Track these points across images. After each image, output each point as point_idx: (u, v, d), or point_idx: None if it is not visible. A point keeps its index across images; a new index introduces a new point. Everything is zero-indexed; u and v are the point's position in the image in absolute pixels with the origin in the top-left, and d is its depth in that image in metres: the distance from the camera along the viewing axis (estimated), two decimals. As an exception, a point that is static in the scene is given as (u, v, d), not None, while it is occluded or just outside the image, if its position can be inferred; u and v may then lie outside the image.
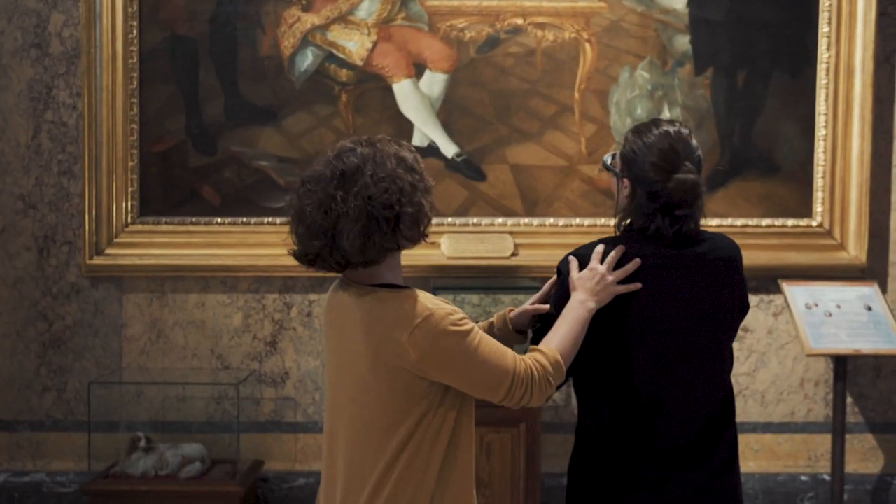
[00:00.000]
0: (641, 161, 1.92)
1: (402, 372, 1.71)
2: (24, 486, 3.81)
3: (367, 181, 1.69)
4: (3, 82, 3.80)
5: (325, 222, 1.70)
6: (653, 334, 1.88)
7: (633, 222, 1.97)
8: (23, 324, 3.85)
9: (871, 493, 3.87)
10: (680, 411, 1.90)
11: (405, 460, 1.72)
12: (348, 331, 1.78)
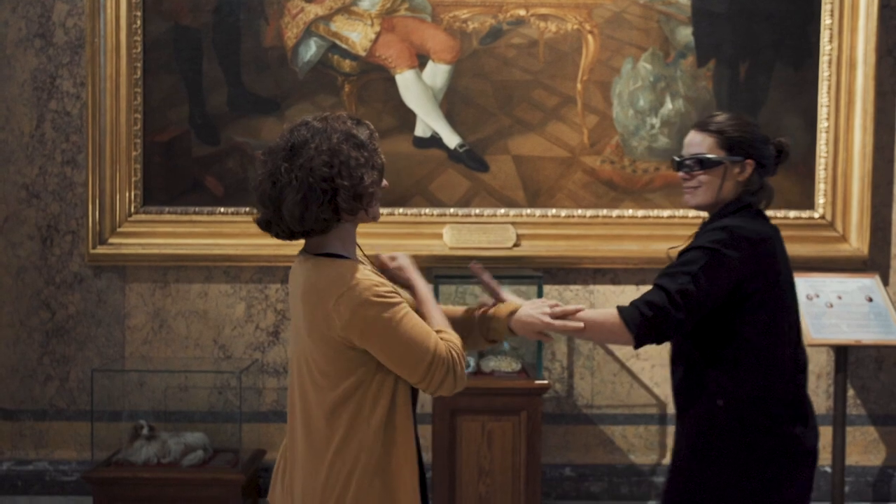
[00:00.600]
0: (761, 137, 2.20)
1: (331, 339, 1.79)
2: (27, 474, 3.86)
3: (310, 154, 1.78)
4: (6, 72, 3.85)
5: (272, 192, 1.81)
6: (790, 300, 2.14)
7: (739, 199, 2.18)
8: (26, 313, 3.90)
9: (872, 485, 3.91)
10: (805, 369, 2.15)
11: (347, 420, 1.79)
12: (295, 296, 1.89)
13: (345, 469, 1.79)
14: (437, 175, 3.84)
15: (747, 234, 2.08)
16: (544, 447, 3.79)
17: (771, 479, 2.03)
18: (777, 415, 2.05)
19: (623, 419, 3.94)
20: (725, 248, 2.06)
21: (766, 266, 2.09)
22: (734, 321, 2.07)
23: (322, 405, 1.82)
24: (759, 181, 2.19)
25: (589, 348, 3.91)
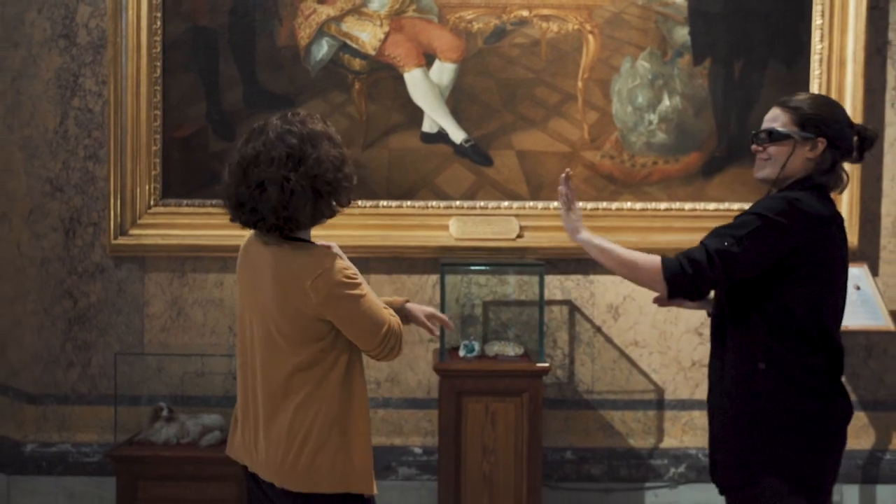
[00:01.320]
0: (840, 119, 2.24)
1: (304, 314, 2.06)
2: (50, 455, 4.09)
3: (310, 162, 2.05)
4: (32, 71, 4.08)
5: (280, 197, 2.05)
6: (842, 283, 2.23)
7: (809, 177, 2.24)
8: (49, 302, 4.13)
9: (861, 467, 4.11)
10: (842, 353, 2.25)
11: (310, 380, 2.07)
12: (260, 275, 2.11)
13: (307, 421, 2.06)
14: (444, 169, 4.06)
15: (806, 208, 2.14)
16: (546, 431, 4.00)
17: (812, 440, 2.14)
18: (814, 382, 2.14)
19: (622, 404, 4.14)
20: (780, 217, 2.12)
21: (818, 243, 2.15)
22: (781, 290, 2.15)
23: (287, 367, 2.07)
24: (830, 161, 2.23)
25: (589, 336, 4.12)
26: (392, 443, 4.10)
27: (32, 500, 4.05)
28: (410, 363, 4.11)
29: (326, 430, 2.07)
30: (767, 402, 2.16)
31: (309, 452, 2.05)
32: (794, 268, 2.14)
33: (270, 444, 2.08)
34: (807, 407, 2.13)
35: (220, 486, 3.67)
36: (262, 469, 2.12)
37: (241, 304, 2.22)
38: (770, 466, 2.13)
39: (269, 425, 2.09)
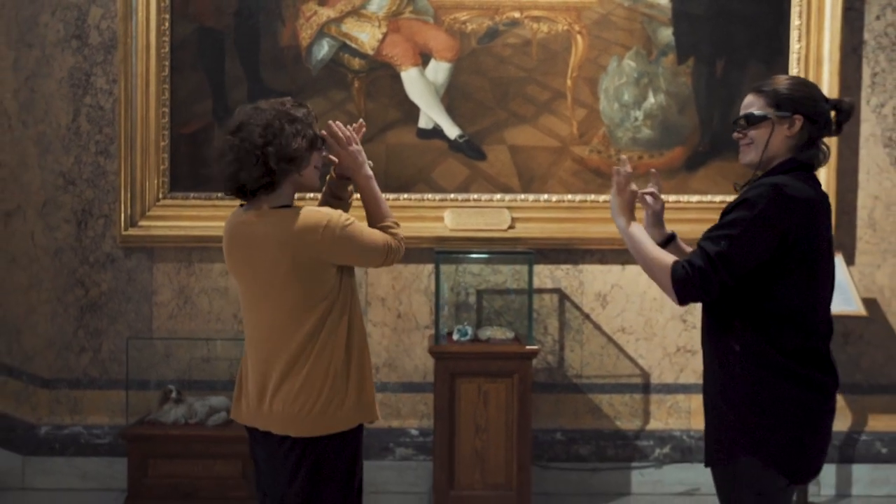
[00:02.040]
0: (814, 95, 2.30)
1: (317, 264, 2.32)
2: (63, 437, 4.34)
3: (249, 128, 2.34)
4: (46, 70, 4.33)
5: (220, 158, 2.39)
6: (824, 265, 2.27)
7: (792, 158, 2.28)
8: (62, 290, 4.38)
9: (838, 448, 4.36)
10: (829, 330, 2.31)
11: (323, 336, 2.34)
12: (259, 251, 2.34)
13: (320, 377, 2.33)
14: (439, 163, 4.32)
15: (792, 192, 2.18)
16: (537, 414, 4.26)
17: (788, 420, 2.21)
18: (789, 364, 2.19)
19: (610, 388, 4.39)
20: (769, 207, 2.16)
21: (806, 227, 2.19)
22: (760, 276, 2.19)
23: (298, 334, 2.33)
24: (808, 136, 2.27)
25: (578, 323, 4.37)
26: (390, 425, 4.35)
27: (46, 479, 4.31)
28: (407, 349, 4.36)
29: (338, 381, 2.34)
30: (742, 383, 2.25)
31: (324, 403, 2.32)
32: (782, 254, 2.19)
33: (288, 401, 2.32)
34: (781, 389, 2.21)
35: (226, 464, 3.92)
36: (277, 424, 2.35)
37: (241, 286, 2.45)
38: (748, 445, 2.23)
39: (285, 385, 2.33)
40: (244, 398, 2.45)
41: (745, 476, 2.24)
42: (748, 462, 2.23)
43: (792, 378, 2.21)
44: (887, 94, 4.35)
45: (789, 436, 2.21)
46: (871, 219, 4.38)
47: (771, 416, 2.22)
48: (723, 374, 2.29)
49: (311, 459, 2.33)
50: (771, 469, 2.21)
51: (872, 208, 4.38)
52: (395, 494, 4.26)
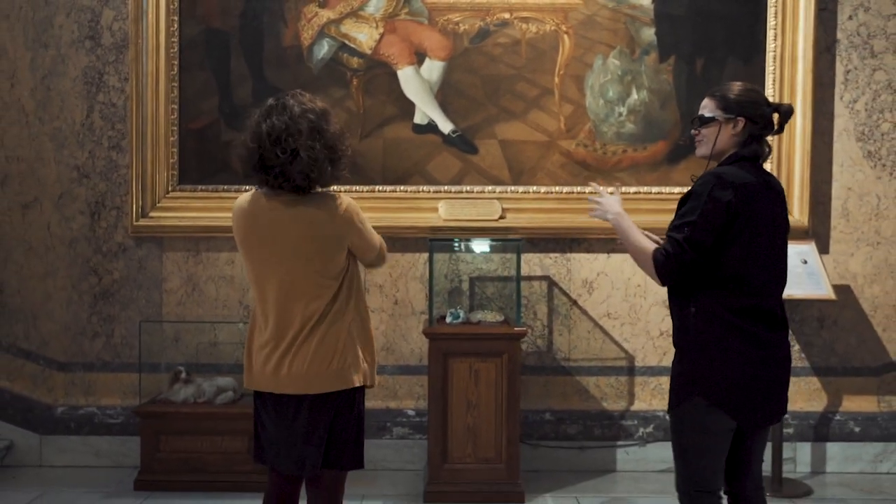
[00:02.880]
0: (758, 101, 2.72)
1: (334, 240, 2.66)
2: (78, 417, 4.66)
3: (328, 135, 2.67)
4: (61, 69, 4.65)
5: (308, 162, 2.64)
6: (763, 238, 2.64)
7: (736, 153, 2.71)
8: (77, 278, 4.70)
9: (814, 427, 4.66)
10: (777, 292, 2.70)
11: (336, 307, 2.68)
12: (282, 228, 2.64)
13: (336, 340, 2.66)
14: (433, 157, 4.63)
15: (729, 178, 2.59)
16: (527, 396, 4.57)
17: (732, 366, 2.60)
18: (735, 321, 2.60)
19: (596, 371, 4.69)
20: (716, 191, 2.57)
21: (744, 205, 2.57)
22: (716, 247, 2.59)
23: (316, 303, 2.64)
24: (748, 135, 2.70)
25: (566, 308, 4.68)
26: (387, 406, 4.66)
27: (63, 457, 4.62)
28: (404, 334, 4.67)
29: (351, 344, 2.68)
30: (696, 337, 2.66)
31: (339, 361, 2.64)
32: (726, 229, 2.58)
33: (307, 361, 2.63)
34: (728, 341, 2.62)
35: (233, 440, 4.24)
36: (294, 384, 2.63)
37: (254, 265, 2.72)
38: (695, 389, 2.63)
39: (302, 349, 2.63)
40: (256, 365, 2.73)
41: (691, 415, 2.64)
42: (695, 403, 2.62)
43: (738, 332, 2.61)
44: (859, 91, 4.65)
45: (733, 380, 2.62)
46: (844, 209, 4.68)
47: (718, 364, 2.61)
48: (681, 332, 2.71)
49: (326, 416, 2.63)
50: (715, 409, 2.60)
51: (846, 199, 4.68)
52: (393, 471, 4.57)
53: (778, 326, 2.70)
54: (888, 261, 4.68)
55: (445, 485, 4.09)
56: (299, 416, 2.64)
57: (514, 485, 4.10)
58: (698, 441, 2.65)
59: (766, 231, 2.66)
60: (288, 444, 2.67)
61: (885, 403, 4.69)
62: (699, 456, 2.66)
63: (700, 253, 2.59)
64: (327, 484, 2.68)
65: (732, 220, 2.59)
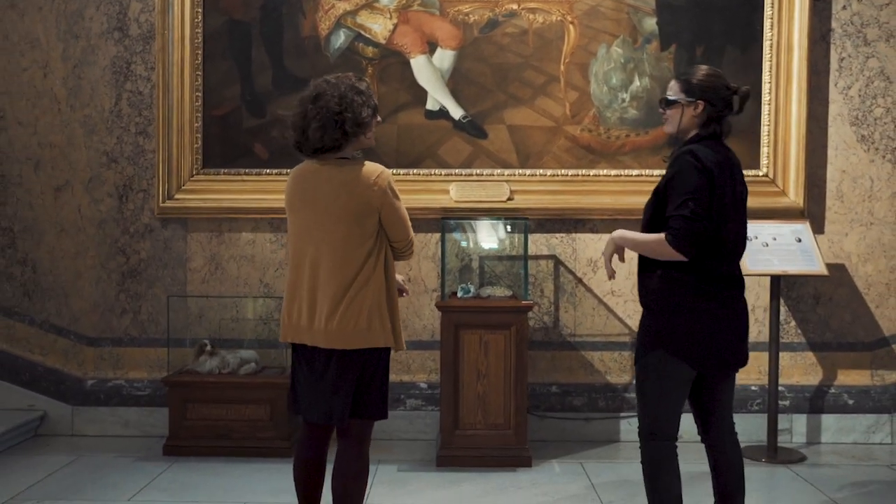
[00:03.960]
0: (717, 85, 3.02)
1: (367, 206, 2.97)
2: (107, 389, 5.01)
3: (327, 98, 2.99)
4: (91, 58, 5.00)
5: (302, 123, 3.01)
6: (726, 209, 2.94)
7: (698, 133, 3.05)
8: (105, 257, 5.05)
9: (809, 400, 4.97)
10: (738, 254, 3.03)
11: (366, 270, 2.98)
12: (322, 191, 2.99)
13: (364, 301, 2.97)
14: (445, 141, 4.96)
15: (700, 154, 2.91)
16: (534, 369, 4.90)
17: (690, 322, 2.93)
18: (693, 282, 2.92)
19: (601, 346, 5.02)
20: (693, 164, 2.89)
21: (715, 180, 2.89)
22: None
23: (349, 267, 2.96)
24: (707, 116, 3.00)
25: (572, 286, 5.01)
26: (401, 379, 4.99)
27: (93, 427, 4.98)
28: (417, 310, 5.00)
29: (377, 307, 2.98)
30: (659, 297, 3.00)
31: (365, 320, 2.96)
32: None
33: (337, 319, 2.94)
34: (686, 299, 2.94)
35: (256, 408, 4.58)
36: (325, 338, 2.96)
37: (297, 224, 3.06)
38: (657, 342, 2.97)
39: (335, 307, 2.95)
40: (293, 318, 3.05)
41: (654, 365, 2.99)
42: (656, 354, 2.98)
43: (697, 291, 2.94)
44: (853, 78, 4.96)
45: (692, 334, 2.94)
46: (839, 191, 4.99)
47: (678, 319, 2.95)
48: (647, 293, 3.05)
49: (353, 370, 2.96)
50: (674, 359, 2.94)
51: (840, 181, 4.99)
52: (407, 441, 4.91)
53: (735, 285, 3.03)
54: (881, 240, 4.99)
55: (457, 450, 4.42)
56: (329, 369, 2.97)
57: (522, 449, 4.43)
58: (657, 388, 2.99)
59: (730, 203, 2.97)
60: (318, 395, 3.00)
61: (878, 377, 5.00)
62: (657, 402, 3.00)
63: (710, 221, 2.87)
64: (355, 433, 3.01)
65: (712, 192, 2.90)
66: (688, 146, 3.01)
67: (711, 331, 2.96)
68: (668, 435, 3.01)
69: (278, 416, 4.57)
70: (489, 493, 4.04)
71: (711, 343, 2.96)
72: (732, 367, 3.08)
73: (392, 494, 4.04)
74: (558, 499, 4.00)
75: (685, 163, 2.93)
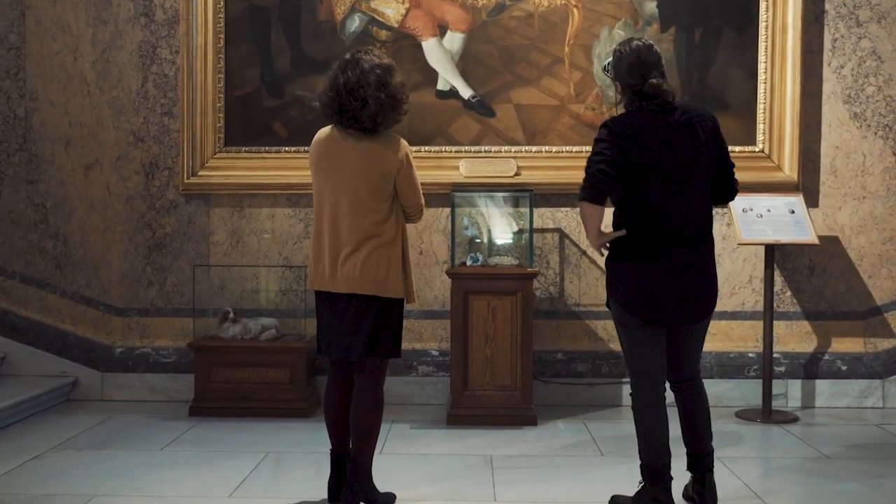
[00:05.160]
0: (623, 68, 3.36)
1: (386, 173, 3.36)
2: (135, 357, 5.40)
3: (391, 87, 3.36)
4: (118, 43, 5.40)
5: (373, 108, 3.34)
6: (655, 171, 3.25)
7: (627, 106, 3.44)
8: (133, 232, 5.45)
9: (804, 366, 5.31)
10: (681, 216, 3.30)
11: (383, 227, 3.36)
12: (347, 158, 3.36)
13: (383, 254, 3.35)
14: (455, 120, 5.33)
15: (611, 125, 3.28)
16: (540, 337, 5.26)
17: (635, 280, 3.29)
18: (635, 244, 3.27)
19: (604, 315, 5.37)
20: (602, 134, 3.28)
21: (627, 146, 3.22)
22: (623, 185, 3.30)
23: (368, 220, 3.34)
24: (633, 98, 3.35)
25: (577, 258, 5.37)
26: (413, 347, 5.36)
27: (121, 392, 5.38)
28: (428, 281, 5.38)
29: (394, 262, 3.37)
30: (612, 255, 3.39)
31: (383, 271, 3.34)
32: (624, 168, 3.24)
33: (358, 269, 3.33)
34: (632, 256, 3.30)
35: (277, 372, 4.97)
36: (346, 284, 3.34)
37: (322, 183, 3.43)
38: (611, 293, 3.38)
39: (356, 259, 3.33)
40: (318, 269, 3.44)
41: (615, 314, 3.41)
42: (613, 303, 3.40)
43: (641, 249, 3.29)
44: (846, 57, 5.30)
45: (636, 286, 3.28)
46: (832, 166, 5.33)
47: (624, 274, 3.34)
48: (609, 252, 3.43)
49: (371, 314, 3.35)
50: (623, 309, 3.34)
51: (834, 157, 5.33)
52: (418, 405, 5.28)
53: (684, 243, 3.31)
54: (873, 213, 5.33)
55: (466, 409, 4.79)
56: (348, 311, 3.36)
57: (528, 409, 4.80)
58: (622, 334, 3.41)
59: (663, 163, 3.25)
60: (339, 334, 3.39)
61: (870, 345, 5.34)
62: (627, 346, 3.40)
63: (608, 176, 3.19)
64: (371, 370, 3.39)
65: (625, 155, 3.23)
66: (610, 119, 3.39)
67: (643, 282, 3.29)
68: (646, 376, 3.34)
69: (297, 378, 4.96)
70: (496, 446, 4.41)
71: (655, 296, 3.28)
72: (682, 321, 3.36)
73: (406, 446, 4.42)
74: (560, 448, 4.37)
75: (599, 130, 3.34)
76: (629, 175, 3.27)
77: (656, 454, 3.32)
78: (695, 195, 3.33)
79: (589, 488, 3.77)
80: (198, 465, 4.09)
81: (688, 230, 3.32)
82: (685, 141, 3.29)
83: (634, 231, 3.31)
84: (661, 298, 3.29)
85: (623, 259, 3.34)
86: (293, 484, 3.81)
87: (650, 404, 3.33)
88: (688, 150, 3.29)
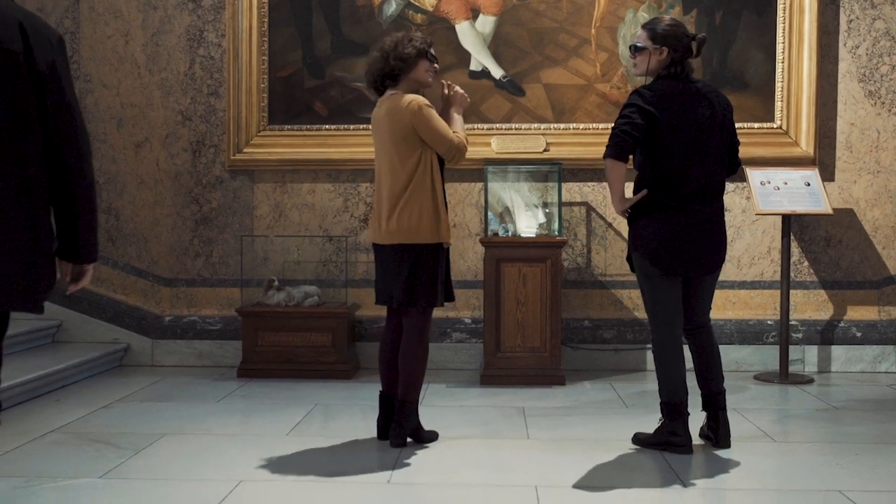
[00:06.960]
0: (678, 34, 3.82)
1: (408, 129, 3.83)
2: (183, 324, 5.93)
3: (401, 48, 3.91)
4: (167, 27, 5.93)
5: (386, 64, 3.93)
6: (679, 134, 3.76)
7: (660, 74, 3.88)
8: (181, 206, 5.97)
9: (820, 333, 5.78)
10: (699, 180, 3.81)
11: (416, 181, 3.84)
12: (381, 123, 3.91)
13: (416, 206, 3.82)
14: (487, 99, 5.83)
15: (643, 91, 3.75)
16: (568, 306, 5.75)
17: (656, 236, 3.77)
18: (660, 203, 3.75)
19: (630, 284, 5.85)
20: (633, 99, 3.76)
21: (655, 112, 3.68)
22: (645, 148, 3.80)
23: (401, 179, 3.84)
24: (670, 59, 3.81)
25: (603, 230, 5.85)
26: (447, 315, 5.86)
27: (170, 358, 5.90)
28: (461, 253, 5.87)
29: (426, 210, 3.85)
30: (636, 212, 3.86)
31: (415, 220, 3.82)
32: (649, 132, 3.73)
33: (394, 220, 3.83)
34: (655, 211, 3.78)
35: (320, 336, 5.48)
36: (387, 237, 3.86)
37: (375, 147, 3.99)
38: (635, 245, 3.87)
39: (392, 211, 3.84)
40: (372, 225, 3.98)
41: (638, 265, 3.90)
42: (637, 255, 3.88)
43: (664, 206, 3.77)
44: (861, 38, 5.76)
45: (654, 240, 3.79)
46: (848, 142, 5.79)
47: (647, 227, 3.81)
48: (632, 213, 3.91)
49: (409, 260, 3.84)
50: (646, 260, 3.82)
51: (849, 133, 5.79)
52: (452, 370, 5.78)
53: (705, 201, 3.80)
54: (887, 187, 5.78)
55: (498, 370, 5.29)
56: (390, 261, 3.86)
57: (557, 370, 5.29)
58: (644, 283, 3.89)
59: (689, 129, 3.74)
60: (384, 282, 3.92)
61: (884, 312, 5.80)
62: (648, 294, 3.88)
63: (631, 136, 3.68)
64: (413, 319, 3.90)
65: (653, 121, 3.70)
66: (642, 87, 3.84)
67: (664, 235, 3.77)
68: (665, 321, 3.83)
69: (339, 342, 5.47)
70: (527, 400, 4.91)
71: (665, 245, 3.77)
72: (697, 271, 3.85)
73: (443, 401, 4.92)
74: (587, 403, 4.86)
75: (629, 97, 3.80)
76: (655, 138, 3.74)
77: (675, 391, 3.81)
78: (712, 160, 3.81)
79: (614, 430, 4.26)
80: (252, 412, 4.62)
81: (704, 191, 3.81)
82: (705, 109, 3.79)
83: (656, 192, 3.78)
84: (680, 250, 3.77)
85: (646, 215, 3.82)
86: (343, 427, 4.32)
87: (670, 346, 3.82)
88: (707, 118, 3.78)
